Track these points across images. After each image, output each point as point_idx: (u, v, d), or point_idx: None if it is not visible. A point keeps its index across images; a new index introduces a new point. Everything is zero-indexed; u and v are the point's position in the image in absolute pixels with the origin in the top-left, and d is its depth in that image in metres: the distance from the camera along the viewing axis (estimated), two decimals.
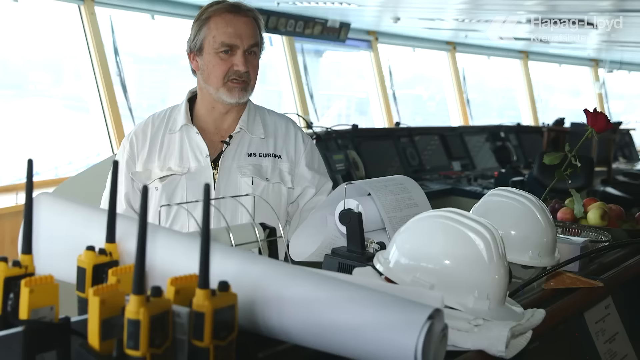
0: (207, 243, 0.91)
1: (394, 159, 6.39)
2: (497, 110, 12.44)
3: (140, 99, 6.37)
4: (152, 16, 6.60)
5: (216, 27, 2.14)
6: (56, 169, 6.53)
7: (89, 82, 6.03)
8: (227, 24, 2.13)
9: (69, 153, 6.80)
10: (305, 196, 2.23)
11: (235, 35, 2.12)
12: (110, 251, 1.10)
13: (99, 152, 6.59)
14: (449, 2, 6.40)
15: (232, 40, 2.12)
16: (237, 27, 2.13)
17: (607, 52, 10.61)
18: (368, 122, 9.15)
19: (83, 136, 7.01)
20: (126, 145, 2.23)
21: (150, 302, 0.90)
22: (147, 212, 0.89)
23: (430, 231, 1.34)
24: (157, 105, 9.30)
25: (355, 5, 6.35)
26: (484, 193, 5.90)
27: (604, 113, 2.14)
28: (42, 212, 1.12)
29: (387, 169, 6.19)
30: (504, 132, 7.83)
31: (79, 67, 6.16)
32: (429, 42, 9.67)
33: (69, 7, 5.89)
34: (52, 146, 6.76)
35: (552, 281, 1.61)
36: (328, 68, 9.97)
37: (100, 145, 6.20)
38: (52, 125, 6.98)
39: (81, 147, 6.96)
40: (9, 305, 0.98)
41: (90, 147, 6.79)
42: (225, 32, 2.12)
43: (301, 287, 1.01)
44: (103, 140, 6.11)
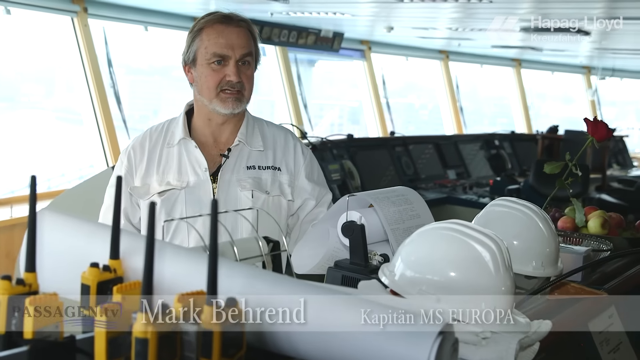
0: (215, 260, 0.90)
1: (390, 168, 6.39)
2: (489, 118, 12.47)
3: (133, 110, 6.36)
4: (146, 28, 6.59)
5: (208, 38, 2.13)
6: (49, 181, 6.51)
7: (81, 94, 6.01)
8: (219, 34, 2.12)
9: (62, 165, 6.77)
10: (305, 208, 2.22)
11: (227, 45, 2.11)
12: (114, 267, 1.08)
13: (92, 164, 6.56)
14: (442, 11, 6.41)
15: (224, 51, 2.11)
16: (228, 37, 2.12)
17: (599, 60, 10.66)
18: (361, 131, 9.17)
19: (75, 148, 6.99)
20: (124, 159, 2.20)
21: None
22: (155, 230, 0.88)
23: (436, 243, 1.32)
24: (150, 116, 9.29)
25: (349, 15, 6.36)
26: (480, 201, 5.91)
27: (605, 122, 2.14)
28: (45, 228, 1.11)
29: (382, 179, 6.19)
30: (498, 140, 7.84)
31: (71, 78, 6.14)
32: (422, 51, 9.69)
33: (62, 19, 5.88)
34: (45, 158, 6.74)
35: (556, 291, 1.60)
36: (320, 77, 9.98)
37: (93, 157, 6.18)
38: (44, 137, 6.96)
39: (74, 159, 6.94)
40: (13, 324, 0.97)
41: (82, 159, 6.77)
42: (216, 42, 2.11)
43: (309, 303, 1.00)
44: (96, 152, 6.08)
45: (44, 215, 1.12)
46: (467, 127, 10.00)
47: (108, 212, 2.18)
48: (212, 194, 2.12)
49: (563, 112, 13.83)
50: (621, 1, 5.63)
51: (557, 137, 7.81)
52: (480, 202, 5.94)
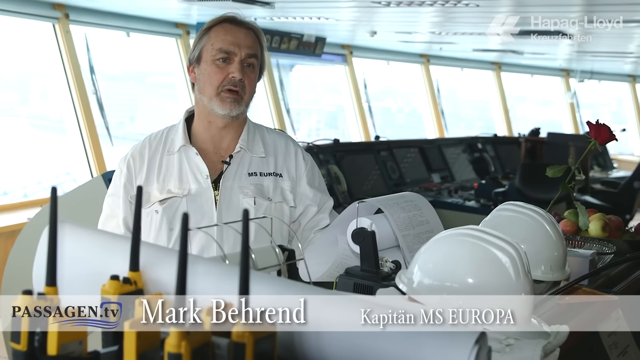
0: (247, 272, 0.88)
1: (375, 172, 6.39)
2: (466, 121, 12.53)
3: (109, 116, 6.29)
4: (128, 34, 6.55)
5: (216, 36, 2.11)
6: (25, 189, 6.44)
7: (58, 101, 5.95)
8: (227, 32, 2.12)
9: (38, 173, 6.70)
10: (307, 215, 2.19)
11: (234, 43, 2.10)
12: (134, 280, 1.06)
13: (69, 171, 6.49)
14: (422, 15, 6.44)
15: (230, 47, 2.09)
16: (236, 36, 2.11)
17: (577, 62, 10.76)
18: (339, 135, 9.18)
19: (52, 155, 6.92)
20: (123, 167, 2.16)
21: (191, 335, 0.86)
22: (187, 241, 0.85)
23: (454, 250, 1.31)
24: (126, 123, 9.21)
25: (333, 20, 6.35)
26: (466, 205, 5.92)
27: (607, 125, 2.14)
28: (63, 240, 1.08)
29: (369, 183, 6.18)
30: (481, 143, 7.87)
31: (47, 85, 6.07)
32: (403, 55, 9.72)
33: (44, 25, 5.82)
34: (21, 166, 6.66)
35: (567, 296, 1.60)
36: (298, 82, 9.97)
37: (70, 164, 6.12)
38: (20, 144, 6.88)
39: (50, 166, 6.87)
40: (36, 340, 0.94)
41: (59, 167, 6.70)
42: (224, 39, 2.10)
43: (340, 313, 0.98)
44: (73, 159, 6.02)
45: (62, 227, 1.09)
46: (448, 131, 10.05)
47: (107, 222, 2.14)
48: (214, 202, 2.09)
49: (542, 115, 13.93)
50: (599, 4, 5.69)
51: (540, 139, 7.86)
52: (466, 205, 5.96)
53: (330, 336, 0.96)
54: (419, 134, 10.01)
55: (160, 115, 9.82)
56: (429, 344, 0.92)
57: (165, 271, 1.10)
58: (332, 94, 11.15)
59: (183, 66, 7.00)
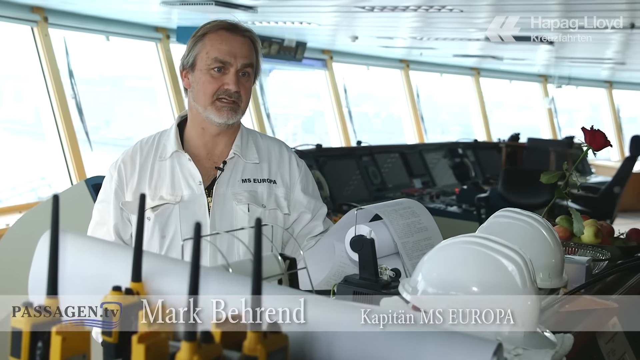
0: (259, 282, 0.85)
1: (357, 177, 6.37)
2: (442, 126, 12.58)
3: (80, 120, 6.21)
4: (107, 37, 6.49)
5: (211, 44, 2.07)
6: None
7: (33, 104, 5.87)
8: (223, 41, 2.07)
9: (12, 178, 6.60)
10: (300, 222, 2.16)
11: (229, 53, 2.05)
12: (137, 290, 1.02)
13: (44, 176, 6.41)
14: (402, 20, 6.44)
15: (225, 57, 2.05)
16: (232, 45, 2.06)
17: (555, 68, 10.83)
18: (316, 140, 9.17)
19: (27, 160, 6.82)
20: (114, 173, 2.12)
21: (202, 349, 0.83)
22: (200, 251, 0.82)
23: (458, 258, 1.29)
24: (102, 127, 9.11)
25: (315, 25, 6.34)
26: (448, 210, 5.91)
27: (602, 131, 2.13)
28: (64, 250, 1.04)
29: (349, 189, 6.16)
30: (461, 148, 7.89)
31: (21, 89, 5.99)
32: (383, 60, 9.73)
33: (21, 28, 5.74)
34: None
35: (567, 304, 1.58)
36: (274, 87, 9.93)
37: (46, 169, 6.03)
38: None
39: (25, 171, 6.77)
40: (38, 354, 0.90)
41: (34, 172, 6.61)
42: (219, 48, 2.05)
43: (351, 322, 0.95)
44: (49, 164, 5.94)
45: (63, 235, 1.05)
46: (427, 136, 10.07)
47: (97, 229, 2.09)
48: (207, 208, 2.05)
49: (519, 120, 14.02)
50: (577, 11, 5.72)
51: (520, 145, 7.89)
52: (448, 210, 5.96)
53: (342, 345, 0.93)
54: (395, 139, 10.02)
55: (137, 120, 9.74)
56: (447, 352, 0.90)
57: (167, 281, 1.07)
58: (309, 99, 11.13)
59: (163, 70, 6.94)
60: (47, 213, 3.25)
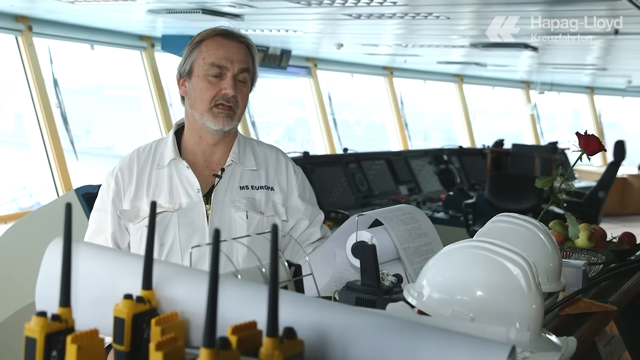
0: (276, 288, 0.85)
1: (343, 185, 6.38)
2: (423, 133, 12.62)
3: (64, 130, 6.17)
4: (92, 46, 6.47)
5: (207, 50, 2.07)
6: None
7: (13, 114, 5.84)
8: (219, 46, 2.07)
9: None
10: (298, 228, 2.16)
11: (226, 58, 2.05)
12: (148, 299, 1.02)
13: (25, 186, 6.37)
14: (386, 27, 6.48)
15: (222, 62, 2.05)
16: (228, 50, 2.07)
17: (538, 74, 10.92)
18: (297, 147, 9.17)
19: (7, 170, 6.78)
20: (111, 182, 2.10)
21: (221, 355, 0.83)
22: (219, 259, 0.82)
23: (463, 263, 1.30)
24: (82, 136, 9.04)
25: (301, 32, 6.35)
26: (435, 216, 5.92)
27: (596, 136, 2.15)
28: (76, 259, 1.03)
29: (334, 196, 6.15)
30: (446, 155, 7.92)
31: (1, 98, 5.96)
32: (367, 67, 9.77)
33: (5, 37, 5.71)
34: None
35: (567, 307, 1.59)
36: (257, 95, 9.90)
37: (27, 179, 6.00)
38: None
39: (5, 181, 6.72)
40: None
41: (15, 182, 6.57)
42: (216, 53, 2.05)
43: (365, 328, 0.95)
44: (32, 174, 5.91)
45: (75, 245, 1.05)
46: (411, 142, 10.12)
47: (94, 237, 2.07)
48: (206, 216, 2.05)
49: (502, 126, 14.10)
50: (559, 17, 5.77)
51: (505, 151, 7.94)
52: (435, 217, 5.97)
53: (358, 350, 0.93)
54: (378, 146, 10.05)
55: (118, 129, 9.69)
56: (463, 355, 0.90)
57: (179, 289, 1.07)
58: (292, 107, 11.13)
59: (148, 79, 6.93)
60: (35, 223, 3.21)
